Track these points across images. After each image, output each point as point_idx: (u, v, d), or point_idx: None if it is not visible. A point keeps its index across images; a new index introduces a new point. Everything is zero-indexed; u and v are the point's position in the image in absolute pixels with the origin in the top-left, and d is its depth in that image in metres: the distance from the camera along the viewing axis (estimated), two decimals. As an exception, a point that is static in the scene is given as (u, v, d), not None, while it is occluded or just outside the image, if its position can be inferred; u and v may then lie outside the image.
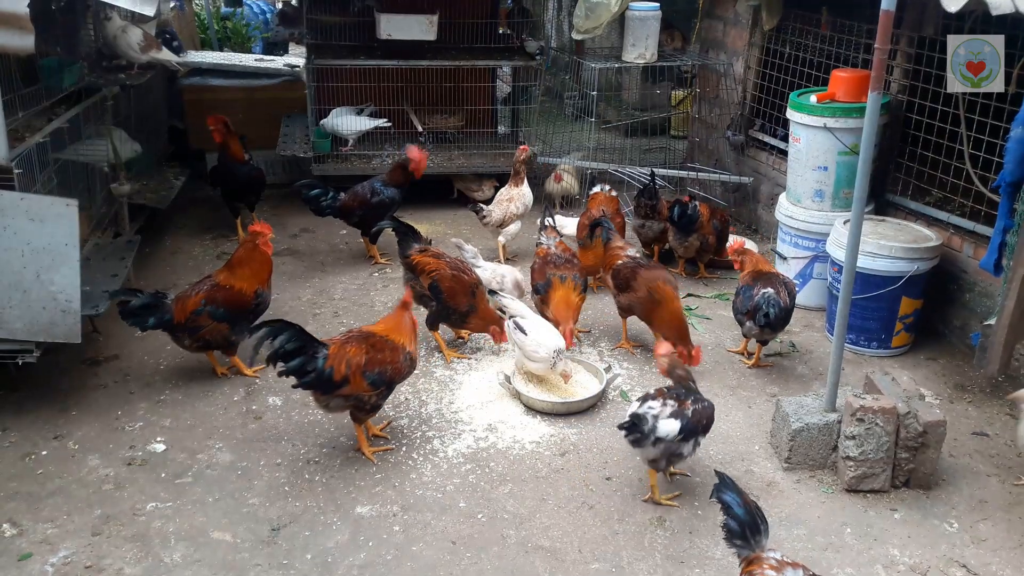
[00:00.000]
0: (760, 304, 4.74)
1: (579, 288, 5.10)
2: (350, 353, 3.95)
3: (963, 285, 5.23)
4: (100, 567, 3.48)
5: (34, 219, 4.12)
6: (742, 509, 2.89)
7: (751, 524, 2.88)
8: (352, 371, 3.92)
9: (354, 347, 3.98)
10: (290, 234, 7.10)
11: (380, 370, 3.99)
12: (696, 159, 8.08)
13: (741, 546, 2.89)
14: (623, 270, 5.12)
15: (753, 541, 2.86)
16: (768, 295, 4.76)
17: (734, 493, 2.94)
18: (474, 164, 7.69)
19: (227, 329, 4.71)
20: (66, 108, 5.44)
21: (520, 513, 3.84)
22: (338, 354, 3.94)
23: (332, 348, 3.95)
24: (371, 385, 3.97)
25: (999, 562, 3.61)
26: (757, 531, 2.88)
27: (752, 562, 2.82)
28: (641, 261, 5.23)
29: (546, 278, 5.15)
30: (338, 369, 3.90)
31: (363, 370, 3.95)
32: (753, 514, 2.90)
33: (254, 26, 11.38)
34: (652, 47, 7.32)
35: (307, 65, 7.35)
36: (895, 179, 5.82)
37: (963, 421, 4.59)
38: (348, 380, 3.92)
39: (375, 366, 3.98)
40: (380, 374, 3.99)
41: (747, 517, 2.88)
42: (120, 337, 5.23)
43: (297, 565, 3.51)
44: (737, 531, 2.89)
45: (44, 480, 3.98)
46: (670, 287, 4.94)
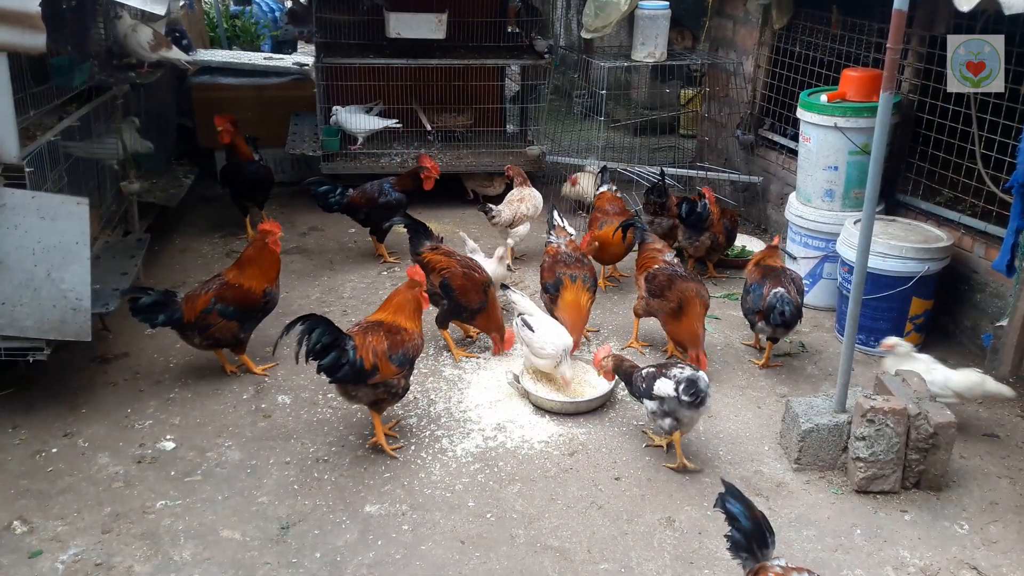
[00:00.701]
0: (773, 304, 4.73)
1: (589, 288, 5.10)
2: (373, 342, 4.03)
3: (974, 286, 5.20)
4: (110, 565, 3.49)
5: (45, 217, 4.14)
6: (748, 521, 2.82)
7: (757, 536, 2.81)
8: (379, 358, 4.01)
9: (373, 336, 4.06)
10: (299, 232, 7.11)
11: (403, 351, 4.09)
12: (705, 158, 8.06)
13: (746, 558, 2.84)
14: (660, 276, 4.99)
15: (760, 553, 2.80)
16: (780, 294, 4.75)
17: (741, 504, 2.86)
18: (483, 163, 7.68)
19: (236, 327, 4.72)
20: (76, 107, 5.46)
21: (529, 513, 3.84)
22: (363, 344, 4.01)
23: (356, 339, 4.03)
24: (399, 367, 4.06)
25: (1010, 564, 3.59)
26: (764, 543, 2.81)
27: (758, 572, 2.77)
28: (679, 270, 5.05)
29: (556, 277, 5.14)
30: (367, 359, 3.98)
31: (388, 354, 4.03)
32: (760, 525, 2.83)
33: (263, 24, 11.40)
34: (661, 46, 7.29)
35: (316, 63, 7.35)
36: (906, 179, 5.79)
37: (973, 423, 4.56)
38: (377, 368, 4.00)
39: (397, 348, 4.08)
40: (404, 354, 4.09)
41: (753, 528, 2.82)
42: (130, 335, 5.25)
43: (306, 564, 3.52)
44: (742, 543, 2.82)
45: (54, 478, 4.00)
46: (701, 302, 4.83)
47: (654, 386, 4.01)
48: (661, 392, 3.97)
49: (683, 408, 3.95)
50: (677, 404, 3.94)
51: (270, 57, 9.14)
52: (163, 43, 6.41)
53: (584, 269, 5.20)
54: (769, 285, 4.86)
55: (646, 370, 4.17)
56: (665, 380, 3.99)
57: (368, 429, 4.40)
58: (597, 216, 6.04)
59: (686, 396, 3.89)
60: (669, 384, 3.96)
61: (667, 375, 4.02)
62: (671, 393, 3.94)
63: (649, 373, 4.11)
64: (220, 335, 4.71)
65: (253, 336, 4.92)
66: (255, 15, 11.43)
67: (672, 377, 3.99)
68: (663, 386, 3.97)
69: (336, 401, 4.66)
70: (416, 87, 8.09)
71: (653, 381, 4.03)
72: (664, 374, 4.03)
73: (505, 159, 7.70)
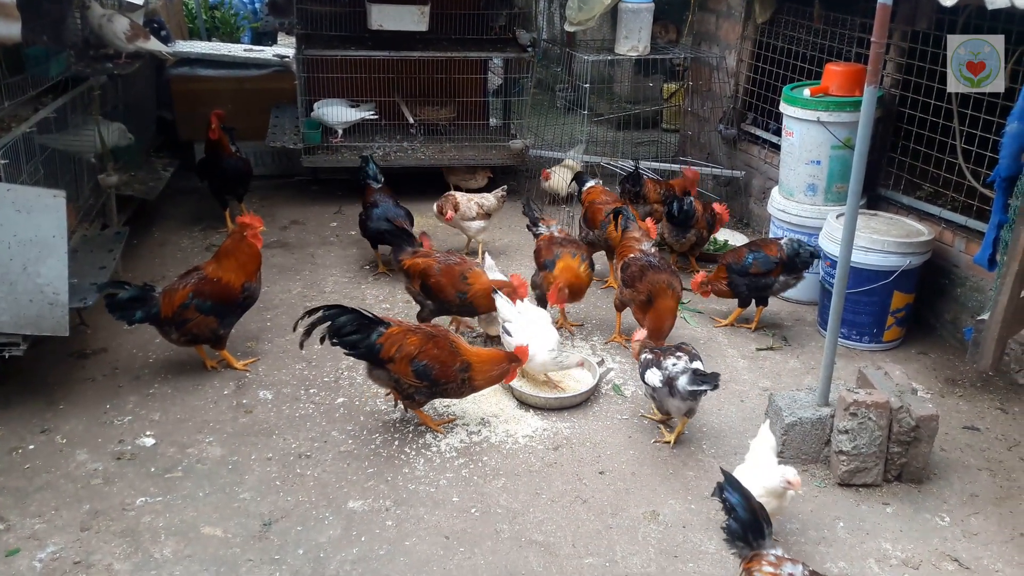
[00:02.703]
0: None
1: (586, 265, 5.20)
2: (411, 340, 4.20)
3: (955, 280, 5.24)
4: (89, 563, 3.44)
5: (21, 210, 4.07)
6: (745, 511, 2.85)
7: (753, 525, 2.84)
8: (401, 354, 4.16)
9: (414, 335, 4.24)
10: (280, 226, 7.04)
11: (427, 363, 4.14)
12: (688, 153, 8.07)
13: (742, 547, 2.86)
14: (632, 266, 4.97)
15: (755, 543, 2.83)
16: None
17: (739, 495, 2.90)
18: (466, 156, 7.64)
19: (215, 323, 4.66)
20: (52, 98, 5.37)
21: (513, 507, 3.83)
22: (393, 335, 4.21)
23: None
24: (415, 373, 4.14)
25: (990, 556, 3.62)
26: (760, 533, 2.85)
27: (752, 559, 2.80)
28: (652, 260, 4.98)
29: (554, 255, 5.22)
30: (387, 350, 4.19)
31: (411, 358, 4.14)
32: (756, 515, 2.87)
33: (243, 15, 11.28)
34: (645, 39, 7.28)
35: (297, 55, 7.27)
36: (887, 173, 5.83)
37: (954, 415, 4.60)
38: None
39: (424, 358, 4.15)
40: (426, 368, 4.14)
41: (750, 518, 2.85)
42: (108, 330, 5.17)
43: (289, 560, 3.49)
44: (738, 532, 2.86)
45: (31, 475, 3.94)
46: (673, 293, 4.80)
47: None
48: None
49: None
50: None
51: (250, 49, 9.05)
52: (140, 33, 6.31)
53: (580, 249, 5.29)
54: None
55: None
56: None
57: (351, 425, 4.39)
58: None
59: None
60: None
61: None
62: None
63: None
64: (198, 331, 4.64)
65: (235, 331, 4.87)
66: (235, 6, 11.30)
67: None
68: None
69: (319, 397, 4.63)
70: (398, 80, 8.03)
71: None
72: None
73: (488, 153, 7.67)
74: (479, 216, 6.33)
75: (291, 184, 7.95)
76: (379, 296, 5.83)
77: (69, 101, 5.58)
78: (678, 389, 4.07)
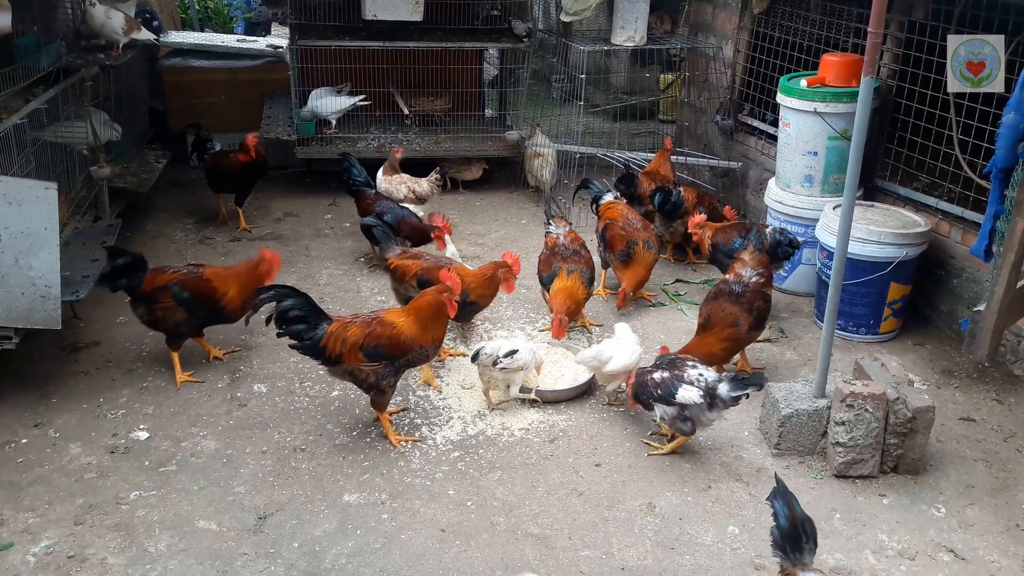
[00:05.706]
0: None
1: (585, 282, 5.04)
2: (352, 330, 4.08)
3: (951, 271, 5.24)
4: (83, 557, 3.42)
5: (12, 203, 4.03)
6: (786, 521, 2.81)
7: (792, 538, 2.79)
8: (348, 347, 4.01)
9: (357, 326, 4.12)
10: (274, 218, 7.00)
11: (376, 344, 4.01)
12: (684, 144, 8.04)
13: (782, 558, 2.82)
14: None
15: (792, 556, 2.78)
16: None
17: (784, 504, 2.85)
18: (461, 147, 7.61)
19: (183, 316, 4.55)
20: (44, 89, 5.33)
21: (509, 500, 3.81)
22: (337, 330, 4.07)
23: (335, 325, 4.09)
24: (368, 358, 4.02)
25: (986, 546, 3.62)
26: (798, 548, 2.79)
27: (787, 574, 2.78)
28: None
29: (552, 270, 5.10)
30: (332, 348, 4.05)
31: (360, 344, 4.01)
32: (795, 528, 2.80)
33: (236, 6, 11.22)
34: (641, 30, 7.25)
35: (290, 46, 7.23)
36: (884, 164, 5.81)
37: (950, 406, 4.60)
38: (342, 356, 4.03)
39: (371, 341, 4.02)
40: (376, 348, 4.01)
41: (789, 530, 2.80)
42: (101, 323, 5.15)
43: (284, 554, 3.47)
44: (778, 542, 2.82)
45: (25, 469, 3.91)
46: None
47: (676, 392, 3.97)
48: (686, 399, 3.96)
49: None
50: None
51: (243, 39, 8.99)
52: (135, 26, 6.28)
53: (581, 262, 5.14)
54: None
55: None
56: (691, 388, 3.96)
57: (346, 418, 4.37)
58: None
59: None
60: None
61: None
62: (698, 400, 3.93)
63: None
64: (163, 315, 4.54)
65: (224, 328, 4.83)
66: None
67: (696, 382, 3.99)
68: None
69: (314, 390, 4.61)
70: (393, 70, 7.97)
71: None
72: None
73: (484, 144, 7.63)
74: (408, 199, 6.28)
75: (285, 176, 7.91)
76: (374, 289, 5.80)
77: (60, 92, 5.53)
78: (721, 398, 3.92)
